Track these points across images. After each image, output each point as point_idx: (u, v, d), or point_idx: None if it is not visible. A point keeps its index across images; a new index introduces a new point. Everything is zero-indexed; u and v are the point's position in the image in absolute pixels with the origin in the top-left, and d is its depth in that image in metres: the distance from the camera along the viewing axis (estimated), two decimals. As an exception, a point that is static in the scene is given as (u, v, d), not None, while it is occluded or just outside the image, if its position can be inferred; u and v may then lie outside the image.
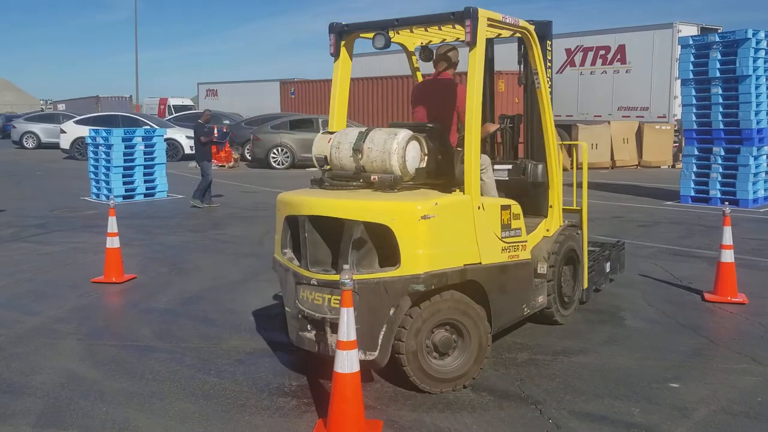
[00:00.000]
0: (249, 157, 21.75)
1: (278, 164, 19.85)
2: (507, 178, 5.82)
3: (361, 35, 5.08)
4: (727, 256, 6.30)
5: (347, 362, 3.61)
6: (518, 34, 5.36)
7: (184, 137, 22.50)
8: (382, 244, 4.19)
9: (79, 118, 24.53)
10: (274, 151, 19.78)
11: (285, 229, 4.63)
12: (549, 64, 5.60)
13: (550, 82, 5.47)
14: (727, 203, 7.78)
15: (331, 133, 4.81)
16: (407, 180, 4.48)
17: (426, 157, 4.65)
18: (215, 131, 21.05)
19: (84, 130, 20.10)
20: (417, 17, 4.81)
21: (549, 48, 5.65)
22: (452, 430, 3.82)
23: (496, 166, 5.77)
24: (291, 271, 4.48)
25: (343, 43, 5.04)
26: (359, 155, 4.49)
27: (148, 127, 19.36)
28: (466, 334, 4.30)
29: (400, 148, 4.41)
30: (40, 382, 4.48)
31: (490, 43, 5.88)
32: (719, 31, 15.58)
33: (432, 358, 4.26)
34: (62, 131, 23.65)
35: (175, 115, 30.94)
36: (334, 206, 4.31)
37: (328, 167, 4.72)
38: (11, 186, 15.74)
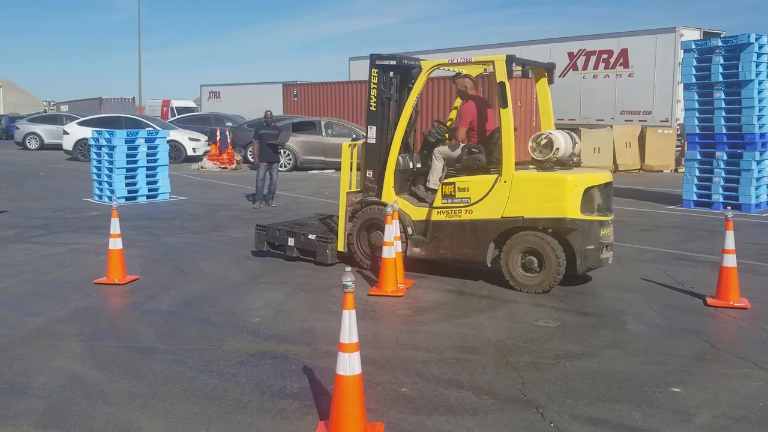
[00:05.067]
0: (251, 159, 21.75)
1: (281, 167, 19.84)
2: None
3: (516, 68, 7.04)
4: (730, 261, 6.30)
5: (349, 364, 3.62)
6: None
7: (186, 139, 22.52)
8: None
9: (82, 119, 24.53)
10: (277, 153, 19.75)
11: (581, 196, 6.57)
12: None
13: None
14: (729, 208, 7.77)
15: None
16: None
17: None
18: (218, 133, 21.16)
19: (87, 132, 20.12)
20: (533, 61, 7.47)
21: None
22: (454, 433, 3.82)
23: None
24: (596, 221, 6.63)
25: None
26: (578, 147, 7.11)
27: (150, 128, 19.37)
28: None
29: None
30: (42, 383, 4.49)
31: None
32: (722, 35, 15.54)
33: None
34: (65, 132, 23.66)
35: (177, 117, 30.96)
36: (609, 177, 7.06)
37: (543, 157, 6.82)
38: (14, 187, 15.75)
